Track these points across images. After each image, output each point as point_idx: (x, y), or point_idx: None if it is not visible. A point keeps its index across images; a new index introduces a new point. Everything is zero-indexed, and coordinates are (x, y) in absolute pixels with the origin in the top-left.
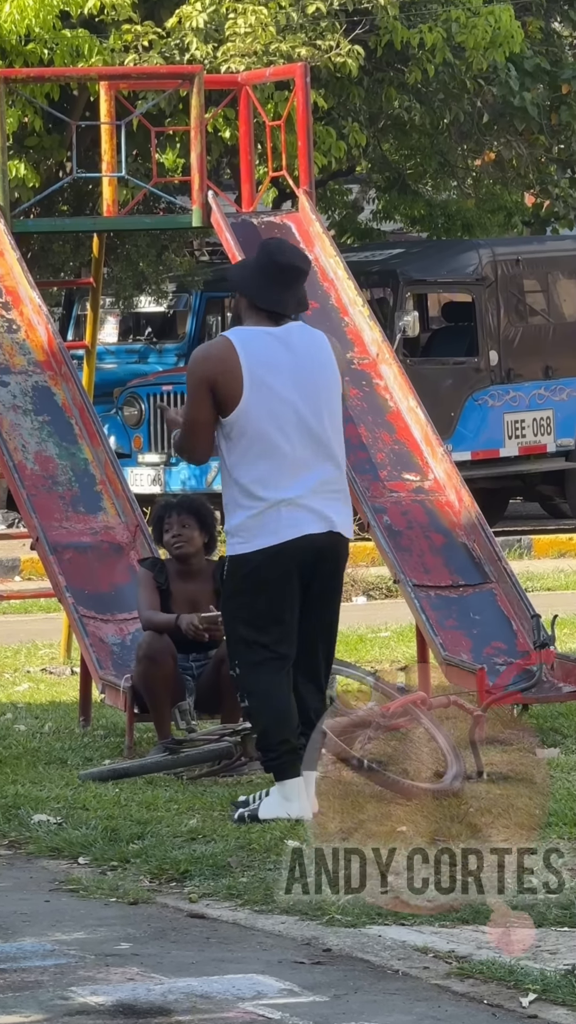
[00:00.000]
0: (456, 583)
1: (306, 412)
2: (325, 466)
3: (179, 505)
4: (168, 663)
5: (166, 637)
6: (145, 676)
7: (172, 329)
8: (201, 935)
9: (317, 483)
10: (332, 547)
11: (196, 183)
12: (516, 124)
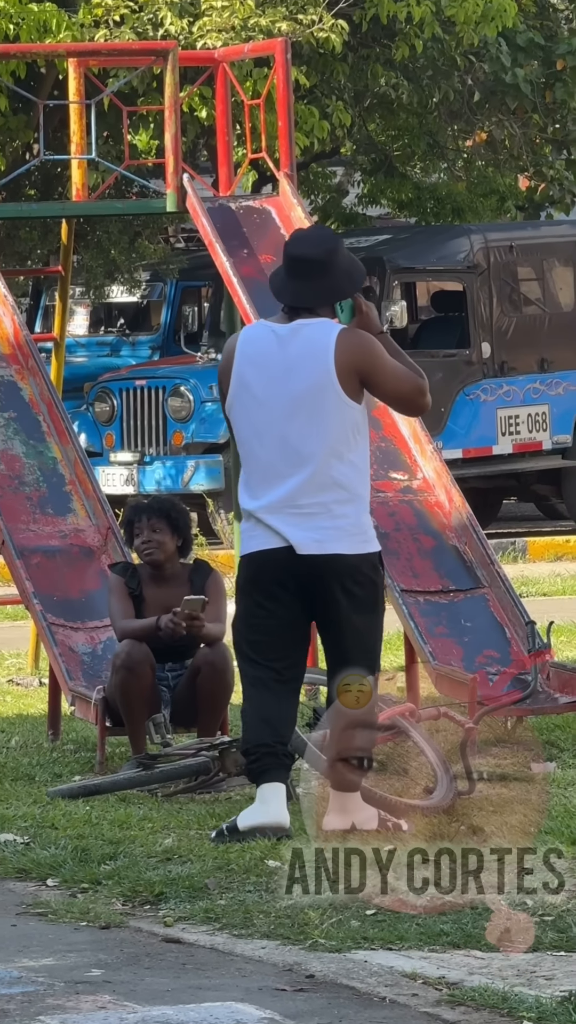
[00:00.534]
0: (446, 588)
1: (280, 416)
2: (297, 476)
3: (149, 508)
4: (147, 673)
5: (145, 646)
6: (122, 687)
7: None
8: (177, 961)
9: (284, 496)
10: (300, 563)
11: (171, 166)
12: (509, 102)
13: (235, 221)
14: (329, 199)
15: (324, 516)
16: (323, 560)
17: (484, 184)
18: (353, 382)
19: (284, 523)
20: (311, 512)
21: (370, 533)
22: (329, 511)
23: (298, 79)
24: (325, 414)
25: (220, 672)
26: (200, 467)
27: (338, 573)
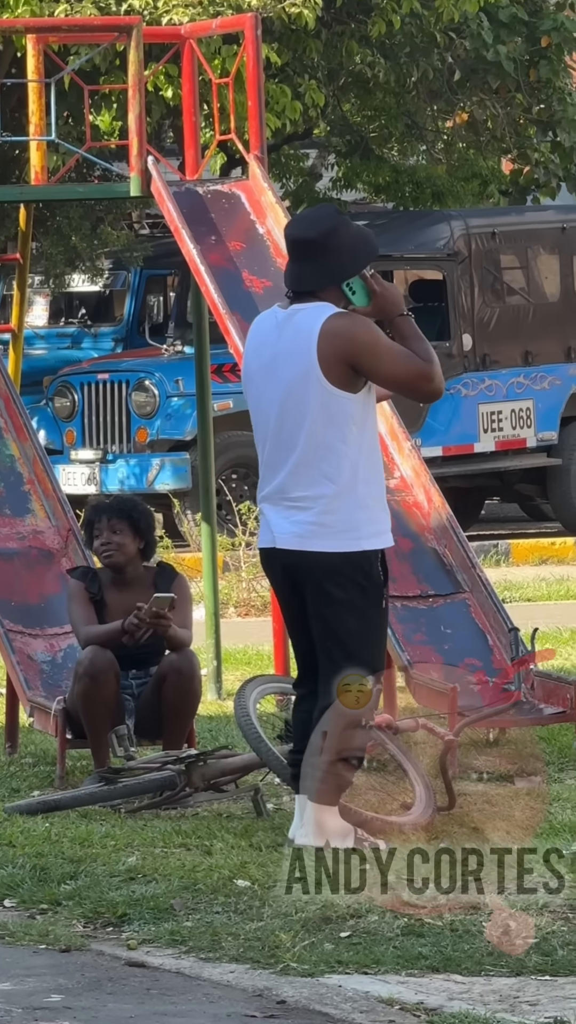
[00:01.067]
0: (425, 593)
1: (275, 405)
2: (287, 467)
3: (109, 508)
4: (111, 681)
5: (109, 652)
6: (85, 696)
7: (108, 311)
8: (141, 986)
9: (277, 487)
10: (288, 560)
11: (135, 148)
12: (491, 81)
13: (202, 206)
14: (302, 183)
15: (310, 511)
16: (301, 557)
17: (465, 167)
18: (341, 370)
19: (276, 515)
20: (300, 506)
21: (365, 530)
22: (316, 505)
23: (269, 57)
24: (310, 404)
25: (187, 680)
26: (166, 465)
27: (315, 572)
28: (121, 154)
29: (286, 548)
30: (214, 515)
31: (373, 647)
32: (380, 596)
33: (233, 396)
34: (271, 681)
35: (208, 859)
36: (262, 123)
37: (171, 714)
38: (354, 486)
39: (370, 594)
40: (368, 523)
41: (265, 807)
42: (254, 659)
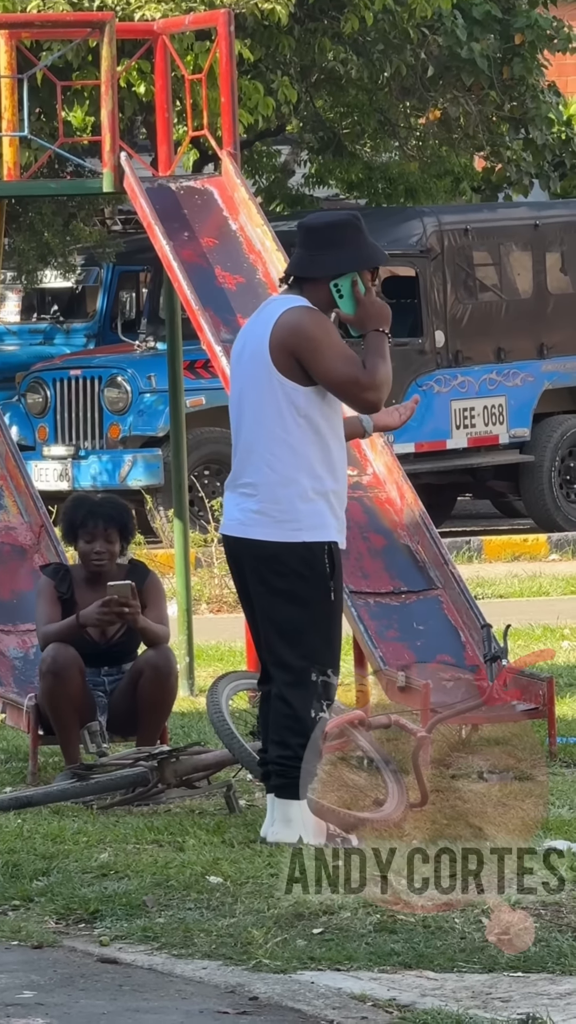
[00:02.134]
0: (398, 589)
1: (237, 391)
2: (239, 454)
3: (106, 515)
4: (75, 678)
5: (72, 648)
6: (50, 693)
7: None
8: (113, 982)
9: (232, 473)
10: (232, 547)
11: (107, 144)
12: (464, 78)
13: (175, 202)
14: (274, 179)
15: (253, 498)
16: (242, 544)
17: (438, 164)
18: (288, 361)
19: (228, 501)
20: (245, 492)
21: (305, 522)
22: (258, 492)
23: (242, 53)
24: (262, 390)
25: (164, 675)
26: (138, 462)
27: (256, 559)
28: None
29: (229, 535)
30: (186, 511)
31: (316, 638)
32: (326, 588)
33: (206, 392)
34: (243, 677)
35: (180, 855)
36: (235, 119)
37: (146, 710)
38: (296, 477)
39: (312, 585)
40: (310, 515)
41: (237, 803)
42: (226, 655)
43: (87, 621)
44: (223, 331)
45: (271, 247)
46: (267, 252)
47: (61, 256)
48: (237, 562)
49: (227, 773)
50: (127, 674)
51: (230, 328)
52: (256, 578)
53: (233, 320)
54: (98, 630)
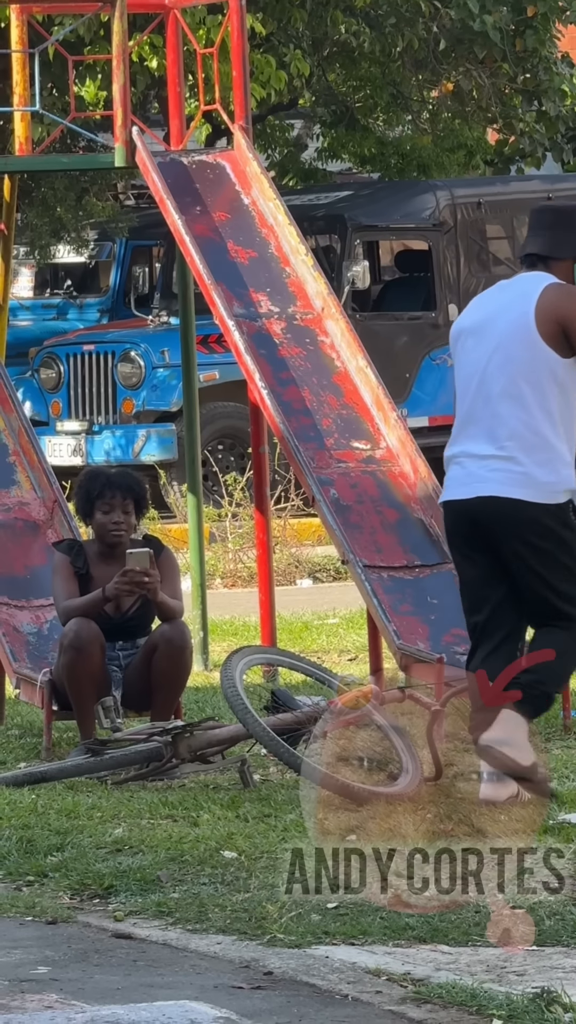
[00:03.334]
0: (411, 563)
1: (483, 360)
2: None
3: (122, 485)
4: (96, 653)
5: (94, 624)
6: (70, 668)
7: (94, 282)
8: (127, 957)
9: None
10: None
11: (119, 118)
12: (476, 51)
13: (187, 177)
14: (287, 153)
15: (511, 460)
16: (498, 504)
17: (451, 137)
18: (555, 331)
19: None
20: (501, 456)
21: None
22: (519, 456)
23: (253, 26)
24: (520, 359)
25: (179, 650)
26: (152, 437)
27: (518, 522)
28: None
29: (485, 496)
30: (200, 486)
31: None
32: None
33: (219, 367)
34: (258, 652)
35: (195, 830)
36: (247, 93)
37: (161, 685)
38: (555, 443)
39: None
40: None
41: (252, 778)
42: (241, 630)
43: (111, 594)
44: (236, 305)
45: (283, 221)
46: (279, 226)
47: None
48: (482, 524)
49: (241, 748)
50: (142, 649)
51: (243, 302)
52: (518, 540)
53: (245, 294)
54: (113, 604)
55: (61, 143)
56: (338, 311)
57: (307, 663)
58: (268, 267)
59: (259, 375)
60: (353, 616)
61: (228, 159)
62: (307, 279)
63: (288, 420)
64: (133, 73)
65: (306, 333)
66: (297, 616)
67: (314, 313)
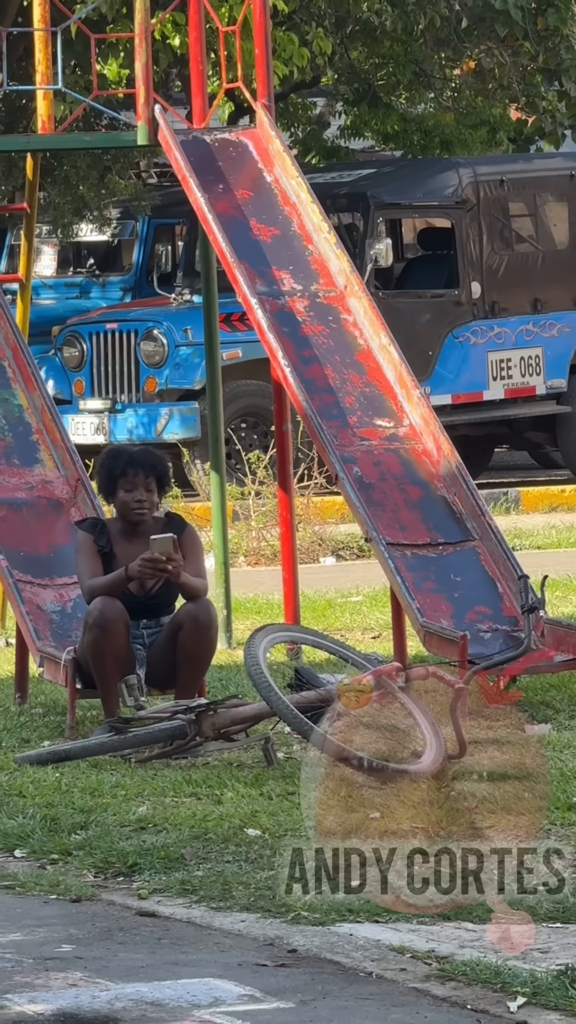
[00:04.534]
0: (435, 541)
1: None
2: None
3: (144, 463)
4: (121, 632)
5: (119, 602)
6: (95, 646)
7: (116, 260)
8: (151, 935)
9: None
10: None
11: (142, 96)
12: (498, 29)
13: (210, 155)
14: (310, 131)
15: None
16: None
17: (473, 115)
18: None
19: None
20: None
21: None
22: None
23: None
24: None
25: (205, 628)
26: (175, 415)
27: None
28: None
29: None
30: (223, 464)
31: None
32: None
33: (242, 345)
34: (281, 630)
35: (218, 808)
36: (269, 71)
37: (186, 663)
38: None
39: None
40: None
41: (275, 756)
42: (264, 608)
43: (134, 574)
44: (258, 283)
45: (306, 199)
46: (302, 204)
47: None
48: None
49: (265, 726)
50: (166, 627)
51: (265, 280)
52: None
53: (268, 272)
54: (137, 583)
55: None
56: (361, 289)
57: (330, 641)
58: (291, 245)
59: (282, 353)
60: (376, 594)
61: (250, 137)
62: (330, 257)
63: (311, 398)
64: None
65: (329, 311)
66: (320, 594)
67: (337, 291)
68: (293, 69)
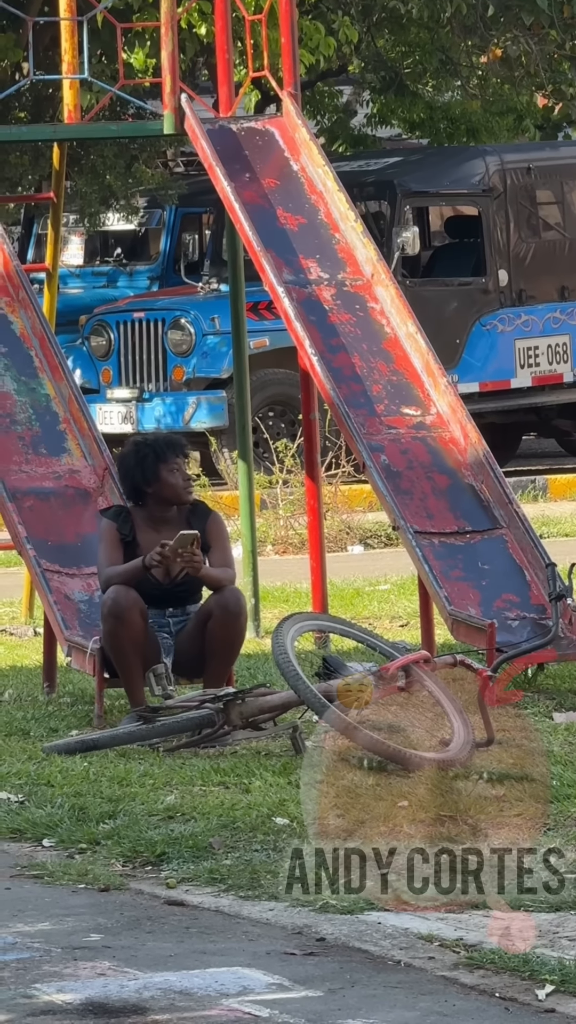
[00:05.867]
0: (462, 529)
1: None
2: None
3: (179, 445)
4: (137, 620)
5: (133, 591)
6: (112, 636)
7: (144, 249)
8: (180, 924)
9: None
10: None
11: (168, 86)
12: (524, 17)
13: (236, 144)
14: (336, 120)
15: None
16: None
17: (500, 103)
18: None
19: None
20: None
21: None
22: None
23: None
24: None
25: (234, 616)
26: (202, 404)
27: None
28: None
29: None
30: (251, 453)
31: None
32: None
33: (269, 334)
34: (309, 619)
35: (246, 797)
36: (295, 60)
37: (215, 652)
38: None
39: None
40: None
41: (304, 744)
42: (292, 597)
43: (149, 564)
44: (285, 272)
45: (332, 187)
46: (328, 193)
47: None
48: None
49: (293, 714)
50: (195, 615)
51: (292, 269)
52: None
53: (295, 261)
54: (162, 571)
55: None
56: (388, 277)
57: (358, 629)
58: (317, 233)
59: (309, 342)
60: (404, 582)
61: (277, 126)
62: (356, 245)
63: (338, 386)
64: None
65: (356, 299)
66: (348, 582)
67: (364, 279)
68: (319, 58)
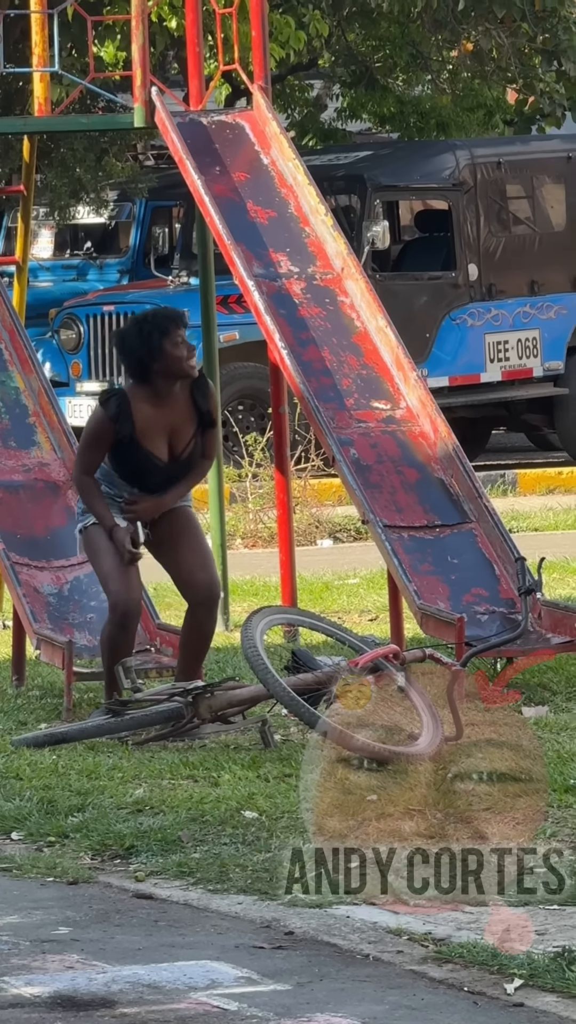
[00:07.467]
0: (432, 523)
1: None
2: None
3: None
4: (135, 630)
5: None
6: (111, 640)
7: (114, 242)
8: (148, 918)
9: None
10: None
11: (138, 79)
12: (496, 10)
13: (207, 137)
14: (306, 114)
15: None
16: None
17: (470, 97)
18: None
19: None
20: None
21: None
22: None
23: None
24: None
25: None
26: None
27: None
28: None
29: None
30: (220, 447)
31: None
32: None
33: (239, 327)
34: (278, 612)
35: (215, 791)
36: (266, 53)
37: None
38: None
39: None
40: None
41: (272, 738)
42: (261, 590)
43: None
44: (255, 265)
45: (303, 181)
46: (299, 186)
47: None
48: None
49: (262, 708)
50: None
51: (262, 262)
52: None
53: (265, 254)
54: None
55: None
56: (358, 271)
57: (328, 623)
58: (288, 227)
59: (279, 335)
60: (373, 576)
61: (247, 119)
62: (327, 239)
63: (308, 380)
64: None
65: (326, 293)
66: (317, 576)
67: (334, 273)
68: (290, 51)
